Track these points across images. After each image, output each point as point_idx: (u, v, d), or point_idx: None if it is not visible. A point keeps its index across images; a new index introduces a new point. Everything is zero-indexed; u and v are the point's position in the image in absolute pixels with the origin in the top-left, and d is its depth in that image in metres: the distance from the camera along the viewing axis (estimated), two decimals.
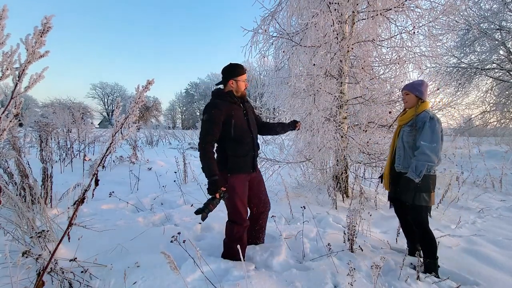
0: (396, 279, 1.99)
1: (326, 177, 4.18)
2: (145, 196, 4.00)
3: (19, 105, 1.20)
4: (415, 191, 2.01)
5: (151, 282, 1.79)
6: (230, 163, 2.01)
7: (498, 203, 4.08)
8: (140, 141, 11.72)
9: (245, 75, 2.06)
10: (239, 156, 2.03)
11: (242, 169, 2.06)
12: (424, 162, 1.94)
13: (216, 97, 2.05)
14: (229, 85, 2.05)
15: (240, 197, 2.07)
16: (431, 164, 1.95)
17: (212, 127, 1.92)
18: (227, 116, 1.96)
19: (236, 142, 2.01)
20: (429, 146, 1.93)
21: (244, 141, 2.04)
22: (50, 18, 1.10)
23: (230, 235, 2.11)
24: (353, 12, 3.64)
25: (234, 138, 1.99)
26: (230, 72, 2.03)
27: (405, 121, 2.18)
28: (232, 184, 2.03)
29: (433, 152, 1.93)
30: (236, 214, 2.07)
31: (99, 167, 1.54)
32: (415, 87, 2.12)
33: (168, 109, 59.32)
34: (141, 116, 40.22)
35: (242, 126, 2.03)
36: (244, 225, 2.09)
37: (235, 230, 2.08)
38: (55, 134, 6.04)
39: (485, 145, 10.98)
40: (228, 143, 2.02)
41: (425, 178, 2.01)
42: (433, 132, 1.95)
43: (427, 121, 1.99)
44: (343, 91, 3.76)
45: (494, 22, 8.08)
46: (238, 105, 2.06)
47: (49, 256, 1.57)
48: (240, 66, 2.06)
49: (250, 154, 2.09)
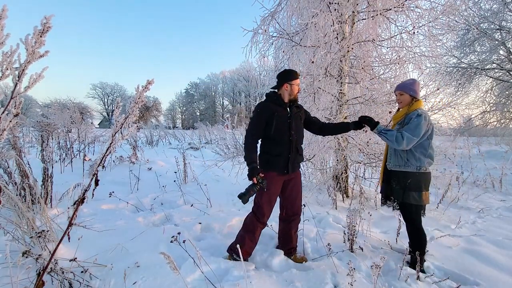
0: (396, 279, 1.99)
1: (326, 177, 4.18)
2: (145, 196, 4.00)
3: (19, 105, 1.20)
4: (404, 190, 2.06)
5: (151, 282, 1.79)
6: (263, 160, 2.15)
7: (498, 203, 4.08)
8: (140, 141, 11.72)
9: (298, 80, 2.20)
10: (272, 155, 2.14)
11: (274, 168, 2.13)
12: (393, 140, 2.01)
13: (266, 98, 2.23)
14: (283, 89, 2.18)
15: (267, 195, 2.13)
16: (395, 146, 2.03)
17: (255, 123, 2.13)
18: (270, 116, 2.11)
19: (272, 141, 2.14)
20: (409, 136, 1.98)
21: (281, 142, 2.14)
22: (49, 18, 1.10)
23: (247, 223, 2.20)
24: (353, 12, 3.64)
25: (273, 137, 2.13)
26: (285, 77, 2.18)
27: (397, 120, 2.22)
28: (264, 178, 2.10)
29: (408, 142, 1.98)
30: (258, 210, 2.15)
31: (99, 167, 1.54)
32: (409, 87, 2.15)
33: (168, 109, 59.41)
34: (141, 116, 40.26)
35: (282, 128, 2.14)
36: (261, 222, 2.16)
37: (253, 221, 2.16)
38: (55, 134, 6.04)
39: (485, 145, 10.98)
40: (266, 141, 2.17)
41: (416, 177, 2.05)
42: (417, 126, 1.99)
43: (413, 117, 2.04)
44: (343, 91, 3.76)
45: (494, 22, 8.08)
46: (284, 108, 2.18)
47: (49, 256, 1.58)
48: (295, 71, 2.20)
49: (285, 155, 2.14)
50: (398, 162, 2.13)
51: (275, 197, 2.20)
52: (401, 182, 2.09)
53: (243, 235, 2.18)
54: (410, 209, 2.11)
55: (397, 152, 2.14)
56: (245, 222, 2.22)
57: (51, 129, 5.20)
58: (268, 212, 2.17)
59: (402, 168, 2.11)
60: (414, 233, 2.14)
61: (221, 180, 5.24)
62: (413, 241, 2.15)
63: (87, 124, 8.83)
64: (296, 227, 2.33)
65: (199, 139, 13.35)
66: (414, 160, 2.06)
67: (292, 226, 2.30)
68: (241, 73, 51.48)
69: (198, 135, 14.23)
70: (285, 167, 2.15)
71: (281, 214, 2.33)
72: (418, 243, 2.12)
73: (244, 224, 2.22)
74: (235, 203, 3.96)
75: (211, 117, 52.71)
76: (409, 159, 2.07)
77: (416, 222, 2.11)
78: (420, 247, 2.10)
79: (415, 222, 2.12)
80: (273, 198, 2.17)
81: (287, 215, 2.29)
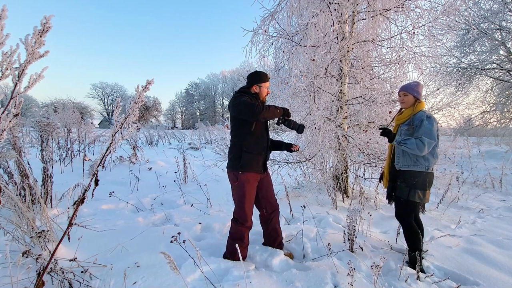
0: (396, 279, 1.98)
1: (326, 177, 4.18)
2: (145, 196, 4.00)
3: (19, 105, 1.20)
4: (410, 188, 2.09)
5: (151, 282, 1.79)
6: (243, 160, 2.10)
7: (498, 203, 4.08)
8: (140, 141, 11.72)
9: (268, 83, 2.20)
10: (253, 154, 2.12)
11: (253, 168, 2.13)
12: (415, 148, 2.01)
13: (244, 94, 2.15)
14: (253, 89, 2.18)
15: (248, 196, 2.13)
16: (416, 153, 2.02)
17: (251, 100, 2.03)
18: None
19: (254, 138, 2.12)
20: (429, 141, 2.00)
21: (261, 139, 2.16)
22: (49, 18, 1.10)
23: (232, 233, 2.18)
24: (353, 12, 3.64)
25: (254, 133, 2.10)
26: (255, 78, 2.18)
27: (402, 121, 2.24)
28: (242, 182, 2.10)
29: (429, 147, 2.01)
30: (241, 213, 2.13)
31: (99, 167, 1.54)
32: (413, 88, 2.19)
33: (168, 109, 59.38)
34: (141, 116, 40.23)
35: (261, 125, 2.17)
36: (246, 225, 2.14)
37: (237, 229, 2.14)
38: (55, 134, 6.03)
39: (485, 145, 10.98)
40: (246, 137, 2.10)
41: (423, 176, 2.09)
42: (431, 129, 2.03)
43: (424, 119, 2.07)
44: (343, 91, 3.76)
45: (494, 22, 8.07)
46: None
47: (49, 256, 1.57)
48: (265, 74, 2.20)
49: (263, 154, 2.19)
50: (407, 162, 2.15)
51: (253, 198, 2.20)
52: (407, 180, 2.11)
53: (232, 244, 2.15)
54: (412, 206, 2.14)
55: (405, 152, 2.16)
56: (231, 232, 2.19)
57: (51, 129, 5.19)
58: (250, 213, 2.17)
59: (411, 167, 2.13)
60: (406, 229, 2.18)
61: (221, 180, 5.24)
62: (410, 239, 2.18)
63: (87, 124, 8.82)
64: (277, 220, 2.37)
65: (199, 139, 13.35)
66: (423, 159, 2.09)
67: (275, 221, 2.34)
68: (241, 73, 51.43)
69: (198, 135, 14.24)
70: (263, 167, 2.20)
71: (261, 215, 2.34)
72: (414, 240, 2.14)
73: (231, 234, 2.19)
74: None
75: (211, 117, 52.74)
76: (418, 159, 2.10)
77: (409, 217, 2.16)
78: (414, 244, 2.13)
79: (408, 217, 2.16)
80: (251, 199, 2.18)
81: (267, 213, 2.31)
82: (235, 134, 2.16)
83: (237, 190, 2.14)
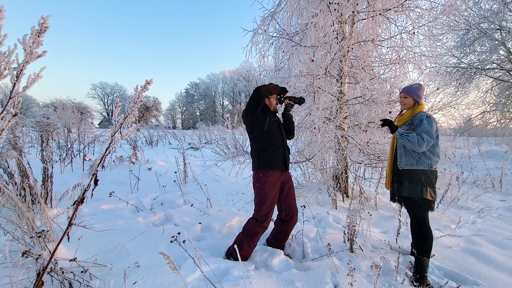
0: (396, 279, 1.98)
1: (326, 177, 4.18)
2: (145, 196, 3.99)
3: (18, 105, 1.20)
4: (421, 186, 2.07)
5: (151, 282, 1.79)
6: (262, 158, 2.17)
7: (498, 203, 4.08)
8: (140, 141, 11.72)
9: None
10: (269, 151, 2.17)
11: (273, 165, 2.16)
12: (415, 142, 2.01)
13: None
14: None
15: (268, 196, 2.14)
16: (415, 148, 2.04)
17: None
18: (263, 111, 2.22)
19: (268, 136, 2.19)
20: (428, 139, 2.01)
21: (275, 137, 2.22)
22: (46, 18, 1.10)
23: (246, 229, 2.18)
24: (353, 12, 3.63)
25: (267, 132, 2.19)
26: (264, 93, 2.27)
27: (402, 122, 2.26)
28: (262, 183, 2.12)
29: (427, 144, 2.01)
30: (260, 212, 2.14)
31: (99, 167, 1.54)
32: (414, 91, 2.20)
33: (168, 109, 59.38)
34: (141, 116, 40.23)
35: (273, 124, 2.25)
36: (264, 225, 2.15)
37: (253, 227, 2.15)
38: (55, 134, 6.04)
39: (485, 145, 10.99)
40: (261, 136, 2.19)
41: (428, 174, 2.08)
42: (430, 128, 2.04)
43: (424, 119, 2.08)
44: (343, 91, 3.75)
45: (494, 22, 8.07)
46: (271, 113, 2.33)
47: (49, 256, 1.57)
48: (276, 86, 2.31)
49: (281, 150, 2.22)
50: (409, 161, 2.15)
51: (276, 198, 2.21)
52: (415, 179, 2.10)
53: (242, 239, 2.15)
54: (427, 205, 2.08)
55: (407, 151, 2.17)
56: (246, 227, 2.19)
57: (51, 129, 5.19)
58: (270, 214, 2.18)
59: (414, 166, 2.12)
60: (422, 234, 2.08)
61: (221, 180, 5.24)
62: (422, 243, 2.07)
63: (87, 124, 8.81)
64: (293, 226, 2.37)
65: (199, 139, 13.34)
66: (425, 158, 2.09)
67: (291, 226, 2.34)
68: (241, 73, 51.52)
69: (198, 135, 14.24)
70: (283, 164, 2.22)
71: (279, 217, 2.35)
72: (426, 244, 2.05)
73: (245, 229, 2.19)
74: (235, 203, 3.97)
75: (211, 117, 52.74)
76: (420, 158, 2.10)
77: (426, 220, 2.09)
78: (426, 250, 2.04)
79: (426, 220, 2.09)
80: (273, 200, 2.18)
81: (286, 217, 2.31)
82: (252, 137, 2.25)
83: (257, 191, 2.17)
